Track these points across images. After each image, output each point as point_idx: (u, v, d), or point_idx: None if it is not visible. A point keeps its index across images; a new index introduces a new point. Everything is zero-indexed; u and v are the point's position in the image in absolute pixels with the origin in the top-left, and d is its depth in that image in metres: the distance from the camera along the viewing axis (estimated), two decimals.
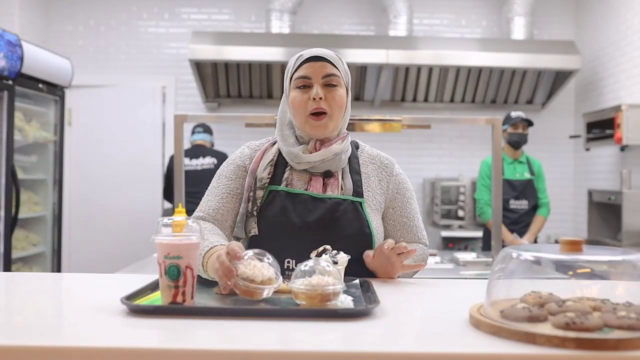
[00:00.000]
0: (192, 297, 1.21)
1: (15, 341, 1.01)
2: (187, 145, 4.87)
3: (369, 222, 1.59)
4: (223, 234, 1.59)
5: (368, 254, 1.55)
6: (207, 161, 4.67)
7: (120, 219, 5.59)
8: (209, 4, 5.80)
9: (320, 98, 1.57)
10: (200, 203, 1.67)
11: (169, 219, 1.23)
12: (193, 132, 4.88)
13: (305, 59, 1.61)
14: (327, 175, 1.62)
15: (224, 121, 3.93)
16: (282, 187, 1.60)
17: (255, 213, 1.57)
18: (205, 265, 1.41)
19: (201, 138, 4.81)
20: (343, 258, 1.40)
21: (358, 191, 1.63)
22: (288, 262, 1.55)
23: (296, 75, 1.61)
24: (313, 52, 1.61)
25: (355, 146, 1.73)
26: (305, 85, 1.60)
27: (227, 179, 1.65)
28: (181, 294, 1.19)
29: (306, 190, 1.60)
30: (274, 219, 1.56)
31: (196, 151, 4.70)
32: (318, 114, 1.59)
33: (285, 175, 1.63)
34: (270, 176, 1.62)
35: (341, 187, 1.62)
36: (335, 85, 1.60)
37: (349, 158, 1.67)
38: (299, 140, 1.65)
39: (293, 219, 1.56)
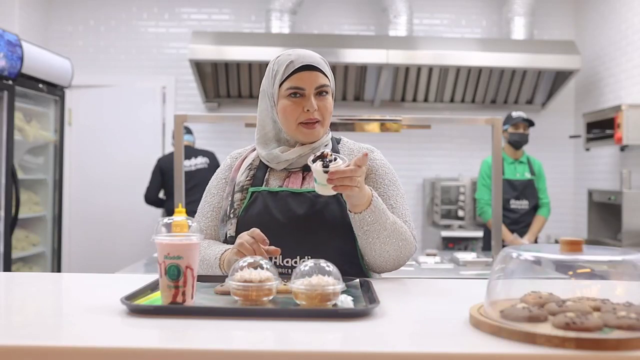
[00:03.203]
0: (192, 297, 1.21)
1: (15, 341, 1.01)
2: (171, 148, 4.94)
3: None
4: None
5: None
6: (200, 161, 4.80)
7: (120, 219, 5.59)
8: (209, 4, 5.80)
9: (315, 109, 1.59)
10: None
11: (169, 219, 1.23)
12: None
13: (297, 68, 1.59)
14: (307, 169, 1.63)
15: (224, 121, 3.93)
16: (262, 187, 1.64)
17: (232, 215, 1.62)
18: (222, 264, 1.52)
19: (186, 139, 4.89)
20: (337, 162, 1.41)
21: None
22: (275, 257, 1.56)
23: (288, 84, 1.60)
24: (304, 61, 1.59)
25: (337, 141, 1.75)
26: (298, 94, 1.60)
27: (212, 195, 1.73)
28: (181, 294, 1.19)
29: (281, 186, 1.63)
30: (257, 217, 1.59)
31: (186, 152, 4.75)
32: (310, 122, 1.60)
33: (266, 176, 1.66)
34: (249, 179, 1.66)
35: None
36: (326, 94, 1.62)
37: None
38: (281, 142, 1.66)
39: (276, 216, 1.58)
